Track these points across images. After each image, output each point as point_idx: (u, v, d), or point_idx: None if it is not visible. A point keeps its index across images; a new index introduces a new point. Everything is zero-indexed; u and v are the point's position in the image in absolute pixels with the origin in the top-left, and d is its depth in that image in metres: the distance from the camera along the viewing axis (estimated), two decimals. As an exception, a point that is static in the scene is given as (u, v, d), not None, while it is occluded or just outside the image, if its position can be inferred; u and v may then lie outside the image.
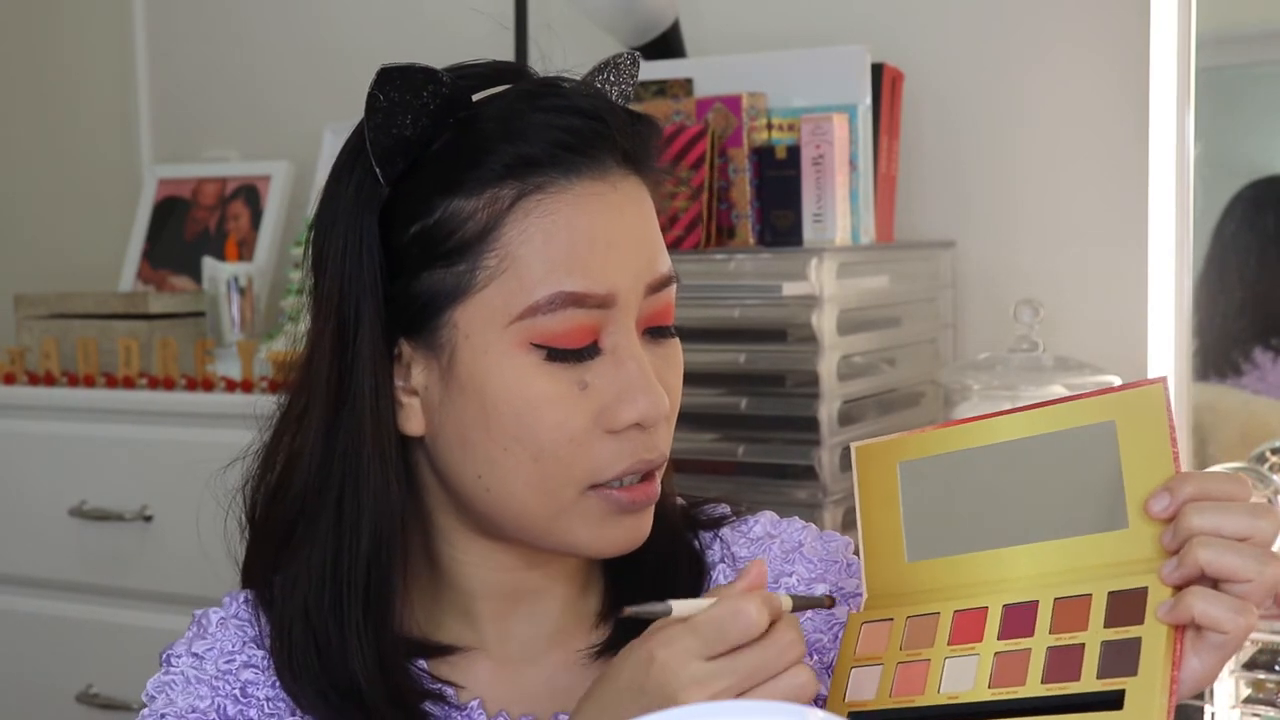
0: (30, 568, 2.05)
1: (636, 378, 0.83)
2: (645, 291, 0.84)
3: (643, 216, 0.85)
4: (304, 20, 2.40)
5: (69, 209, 2.64)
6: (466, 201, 0.82)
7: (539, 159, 0.81)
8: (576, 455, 0.83)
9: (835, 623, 0.93)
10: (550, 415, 0.82)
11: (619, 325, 0.83)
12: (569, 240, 0.81)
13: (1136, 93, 1.72)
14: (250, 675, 0.88)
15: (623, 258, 0.82)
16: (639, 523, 0.86)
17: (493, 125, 0.83)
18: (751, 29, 2.00)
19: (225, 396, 1.91)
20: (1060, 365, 1.69)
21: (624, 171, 0.84)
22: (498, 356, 0.82)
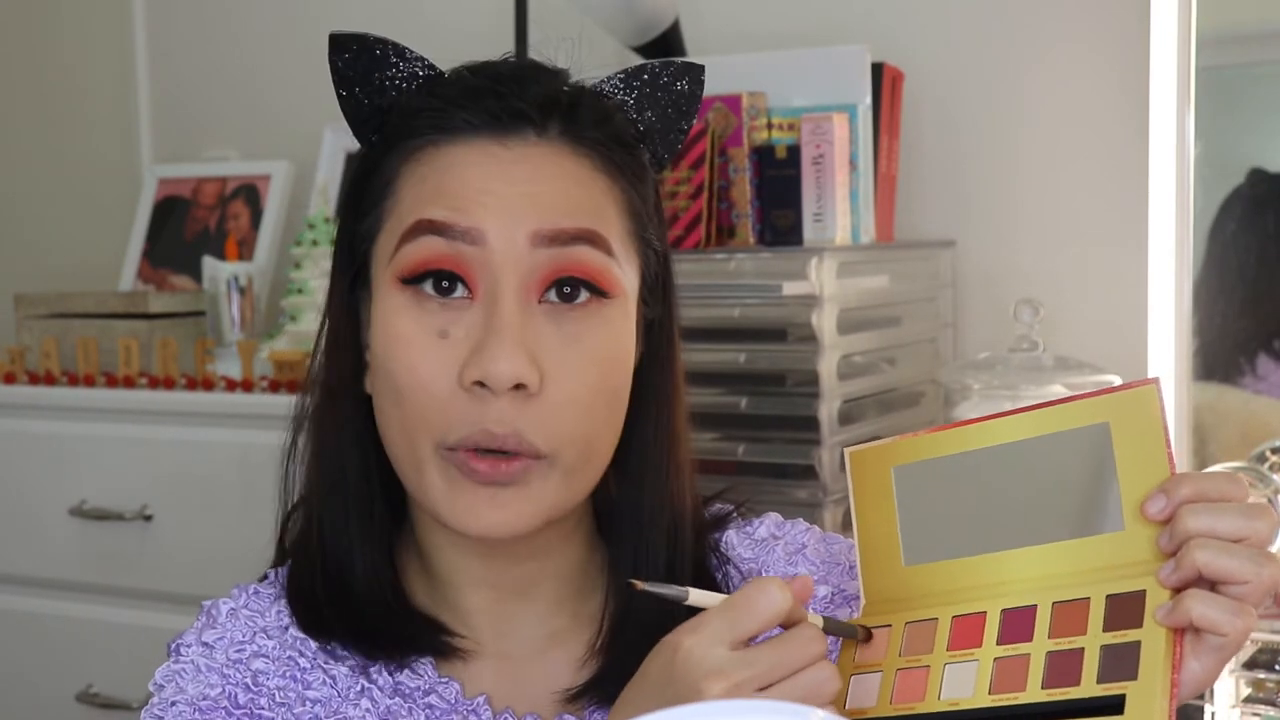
0: (30, 567, 2.05)
1: (495, 332, 0.80)
2: (531, 240, 0.81)
3: (539, 177, 0.83)
4: (304, 20, 2.39)
5: (69, 209, 2.64)
6: (387, 151, 0.86)
7: (441, 113, 0.84)
8: (429, 406, 0.81)
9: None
10: (405, 356, 0.82)
11: (496, 278, 0.81)
12: (439, 180, 0.83)
13: (1136, 92, 1.72)
14: (261, 665, 0.88)
15: (497, 202, 0.81)
16: (498, 501, 0.82)
17: (443, 89, 0.86)
18: (751, 29, 2.00)
19: (225, 396, 1.91)
20: (1060, 365, 1.69)
21: (532, 137, 0.84)
22: (382, 296, 0.84)
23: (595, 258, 0.83)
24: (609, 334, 0.84)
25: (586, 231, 0.83)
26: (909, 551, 0.83)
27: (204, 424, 1.91)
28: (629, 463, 0.90)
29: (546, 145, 0.84)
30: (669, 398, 0.91)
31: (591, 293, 0.83)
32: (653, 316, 0.91)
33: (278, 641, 0.89)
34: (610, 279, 0.84)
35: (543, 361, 0.81)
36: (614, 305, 0.84)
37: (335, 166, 2.26)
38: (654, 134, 0.91)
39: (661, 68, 0.91)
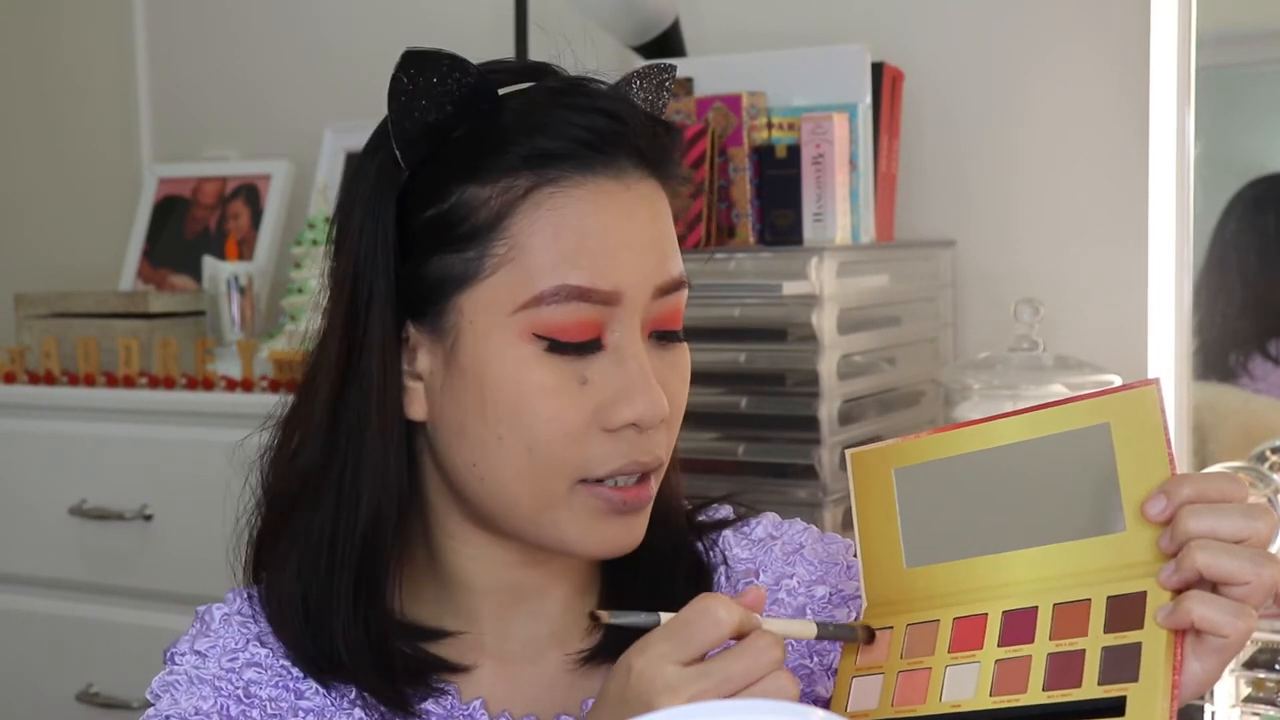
0: (30, 567, 2.05)
1: (636, 377, 0.83)
2: (653, 294, 0.84)
3: (656, 219, 0.85)
4: (304, 20, 2.40)
5: (69, 209, 2.64)
6: (481, 189, 0.82)
7: (556, 153, 0.82)
8: (569, 449, 0.82)
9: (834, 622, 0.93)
10: (546, 407, 0.82)
11: (623, 324, 0.83)
12: (578, 234, 0.81)
13: (1136, 92, 1.72)
14: (253, 674, 0.88)
15: (632, 257, 0.83)
16: (630, 525, 0.86)
17: (514, 117, 0.83)
18: (752, 28, 2.00)
19: (225, 396, 1.91)
20: (1060, 364, 1.69)
21: (641, 174, 0.84)
22: (499, 344, 0.82)
23: (682, 299, 0.87)
24: (686, 358, 0.89)
25: (682, 276, 0.87)
26: (910, 553, 0.83)
27: (204, 424, 1.91)
28: None
29: (651, 182, 0.86)
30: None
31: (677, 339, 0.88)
32: None
33: (271, 649, 0.89)
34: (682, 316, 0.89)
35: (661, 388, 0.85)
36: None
37: (335, 166, 2.26)
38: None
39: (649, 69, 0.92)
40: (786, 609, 0.93)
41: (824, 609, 0.93)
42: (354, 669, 0.86)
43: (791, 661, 0.92)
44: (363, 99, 2.32)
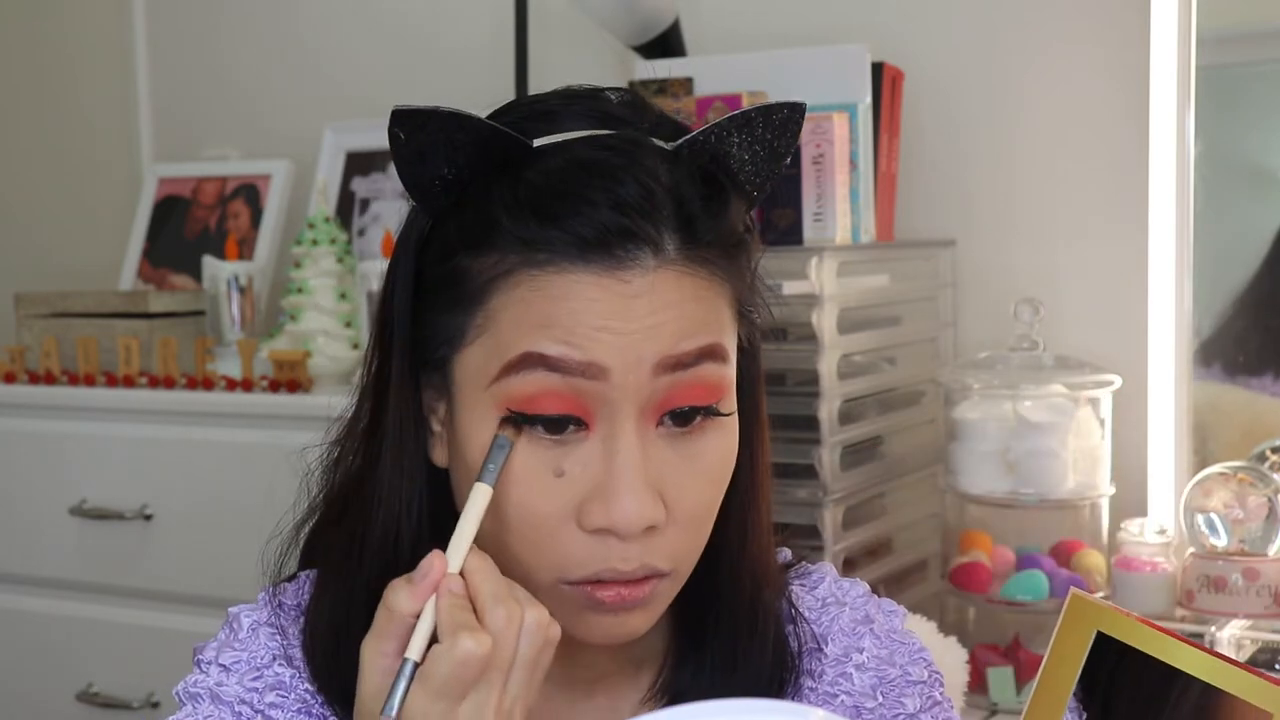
0: (30, 567, 2.04)
1: (620, 475, 0.75)
2: (654, 370, 0.76)
3: (664, 307, 0.75)
4: (304, 20, 2.39)
5: (69, 208, 2.64)
6: (475, 260, 0.78)
7: (551, 242, 0.75)
8: (544, 544, 0.77)
9: (902, 713, 0.89)
10: (516, 495, 0.77)
11: (613, 408, 0.75)
12: (549, 311, 0.75)
13: (1137, 91, 1.72)
14: (274, 698, 0.85)
15: (619, 340, 0.75)
16: (625, 620, 0.79)
17: (527, 191, 0.76)
18: (752, 28, 2.00)
19: (225, 395, 1.91)
20: (1060, 364, 1.69)
21: (653, 264, 0.76)
22: (477, 418, 0.78)
23: (712, 372, 0.78)
24: (722, 442, 0.80)
25: (707, 349, 0.77)
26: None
27: (204, 424, 1.91)
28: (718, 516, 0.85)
29: (666, 269, 0.76)
30: (756, 452, 0.86)
31: (707, 414, 0.79)
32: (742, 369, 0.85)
33: (296, 670, 0.86)
34: (724, 389, 0.79)
35: (664, 489, 0.77)
36: (727, 403, 0.80)
37: (335, 166, 2.26)
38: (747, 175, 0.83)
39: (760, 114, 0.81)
40: (856, 685, 0.89)
41: (893, 692, 0.90)
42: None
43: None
44: (363, 99, 2.32)
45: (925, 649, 0.92)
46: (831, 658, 0.89)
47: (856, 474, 1.65)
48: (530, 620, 0.74)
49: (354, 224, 2.23)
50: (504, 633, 0.73)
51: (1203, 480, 1.53)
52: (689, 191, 0.78)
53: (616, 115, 0.81)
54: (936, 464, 1.78)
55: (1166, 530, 1.56)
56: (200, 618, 1.81)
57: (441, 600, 0.74)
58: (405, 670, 0.73)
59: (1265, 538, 1.50)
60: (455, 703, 0.72)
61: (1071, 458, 1.64)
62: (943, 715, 0.91)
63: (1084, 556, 1.66)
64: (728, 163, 0.81)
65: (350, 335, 2.00)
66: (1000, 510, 1.69)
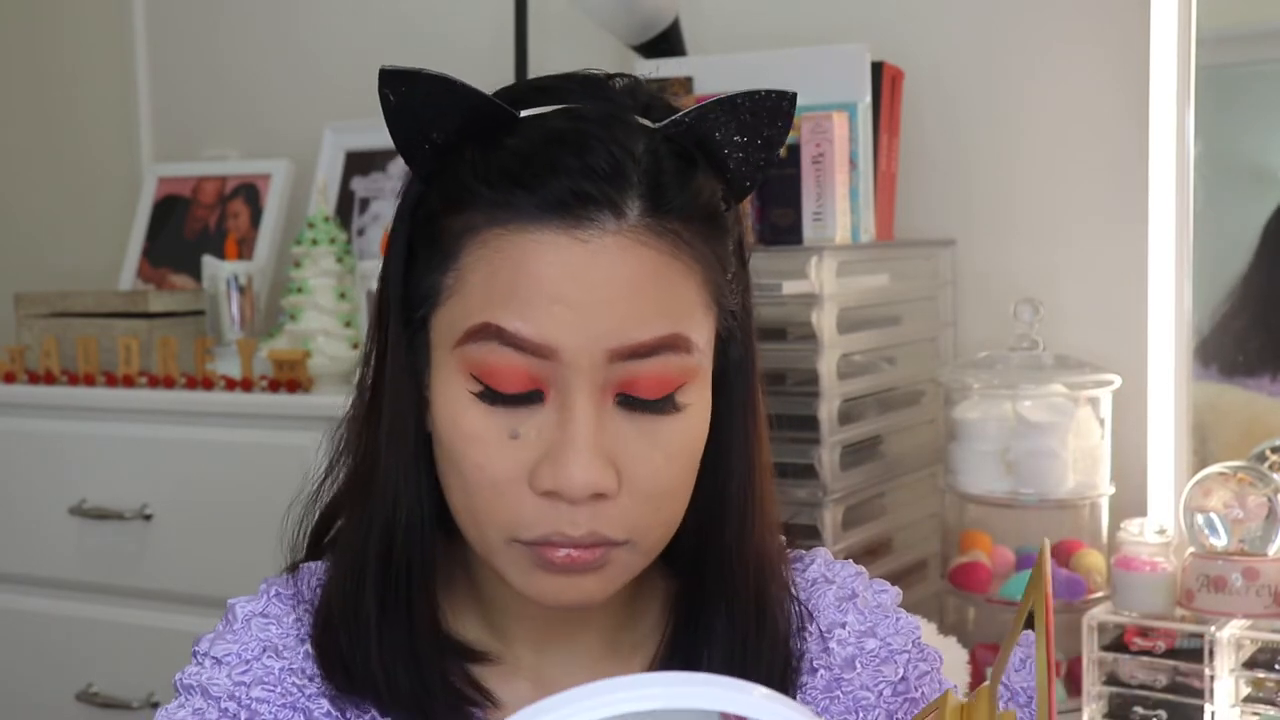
0: (30, 567, 2.05)
1: (570, 442, 0.76)
2: (608, 357, 0.76)
3: (622, 279, 0.76)
4: (304, 20, 2.39)
5: (69, 208, 2.64)
6: (452, 218, 0.79)
7: (519, 201, 0.76)
8: (497, 503, 0.78)
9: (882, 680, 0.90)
10: (473, 454, 0.78)
11: (568, 382, 0.77)
12: (510, 280, 0.76)
13: (1137, 91, 1.72)
14: (260, 693, 0.85)
15: (573, 317, 0.75)
16: (577, 582, 0.80)
17: (503, 156, 0.78)
18: (751, 27, 2.00)
19: (225, 395, 1.91)
20: (1060, 364, 1.69)
21: (613, 227, 0.76)
22: (445, 375, 0.79)
23: (672, 364, 0.78)
24: (686, 424, 0.80)
25: (666, 340, 0.77)
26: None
27: (204, 424, 1.91)
28: (710, 509, 0.85)
29: (626, 233, 0.77)
30: (751, 446, 0.86)
31: (660, 410, 0.79)
32: (731, 361, 0.86)
33: (285, 661, 0.86)
34: (684, 380, 0.79)
35: (619, 460, 0.78)
36: (690, 392, 0.80)
37: (335, 166, 2.26)
38: (737, 163, 0.84)
39: (746, 99, 0.83)
40: (836, 659, 0.89)
41: (872, 663, 0.90)
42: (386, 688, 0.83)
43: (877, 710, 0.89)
44: (363, 99, 2.30)
45: (916, 626, 0.92)
46: (815, 634, 0.90)
47: (856, 474, 1.65)
48: None
49: (354, 224, 2.23)
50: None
51: (1202, 480, 1.53)
52: (661, 164, 0.79)
53: (609, 97, 0.82)
54: (936, 464, 1.78)
55: (1166, 530, 1.56)
56: (200, 617, 1.81)
57: None
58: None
59: (1265, 537, 1.50)
60: None
61: (1071, 458, 1.64)
62: (930, 683, 0.91)
63: (1084, 556, 1.66)
64: (712, 149, 0.82)
65: (350, 335, 2.00)
66: (1000, 510, 1.69)
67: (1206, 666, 1.45)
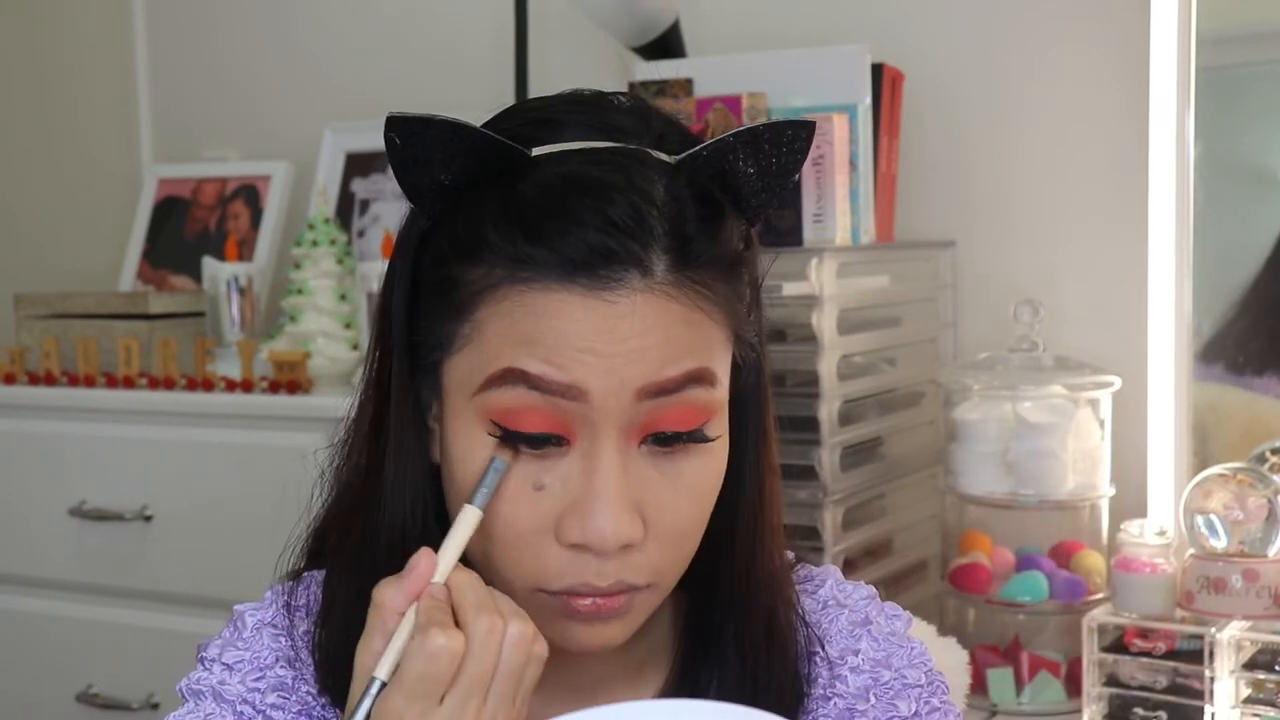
0: (30, 568, 2.05)
1: (598, 494, 0.75)
2: (636, 395, 0.75)
3: (649, 330, 0.75)
4: (304, 21, 2.39)
5: (69, 209, 2.64)
6: (466, 269, 0.77)
7: (538, 260, 0.75)
8: (523, 555, 0.78)
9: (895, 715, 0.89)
10: (495, 507, 0.77)
11: (594, 427, 0.75)
12: (533, 328, 0.75)
13: (1137, 92, 1.72)
14: (275, 699, 0.85)
15: (602, 364, 0.74)
16: (601, 630, 0.80)
17: (518, 206, 0.76)
18: (752, 29, 2.00)
19: (225, 396, 1.91)
20: (1060, 365, 1.68)
21: (640, 286, 0.75)
22: (462, 424, 0.78)
23: (698, 397, 0.77)
24: (708, 461, 0.80)
25: (693, 374, 0.77)
26: None
27: (204, 424, 1.91)
28: (722, 532, 0.85)
29: (654, 290, 0.75)
30: (763, 471, 0.86)
31: (692, 439, 0.78)
32: (745, 386, 0.85)
33: (298, 672, 0.86)
34: (710, 413, 0.79)
35: (645, 507, 0.77)
36: (716, 425, 0.80)
37: (335, 167, 2.26)
38: (753, 192, 0.82)
39: (768, 130, 0.80)
40: (850, 687, 0.89)
41: (886, 695, 0.89)
42: None
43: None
44: (362, 99, 2.32)
45: (927, 654, 0.91)
46: (825, 661, 0.89)
47: (856, 475, 1.65)
48: (514, 632, 0.74)
49: (354, 225, 2.23)
50: (486, 641, 0.73)
51: (1202, 481, 1.53)
52: (684, 211, 0.77)
53: (619, 126, 0.80)
54: (936, 465, 1.78)
55: (1166, 531, 1.56)
56: (200, 618, 1.81)
57: (423, 601, 0.74)
58: (372, 689, 0.73)
59: (1265, 539, 1.50)
60: (431, 703, 0.72)
61: (1071, 459, 1.64)
62: (940, 719, 0.90)
63: (1084, 558, 1.66)
64: (731, 179, 0.81)
65: (350, 336, 2.00)
66: (1000, 511, 1.69)
67: (1206, 668, 1.45)
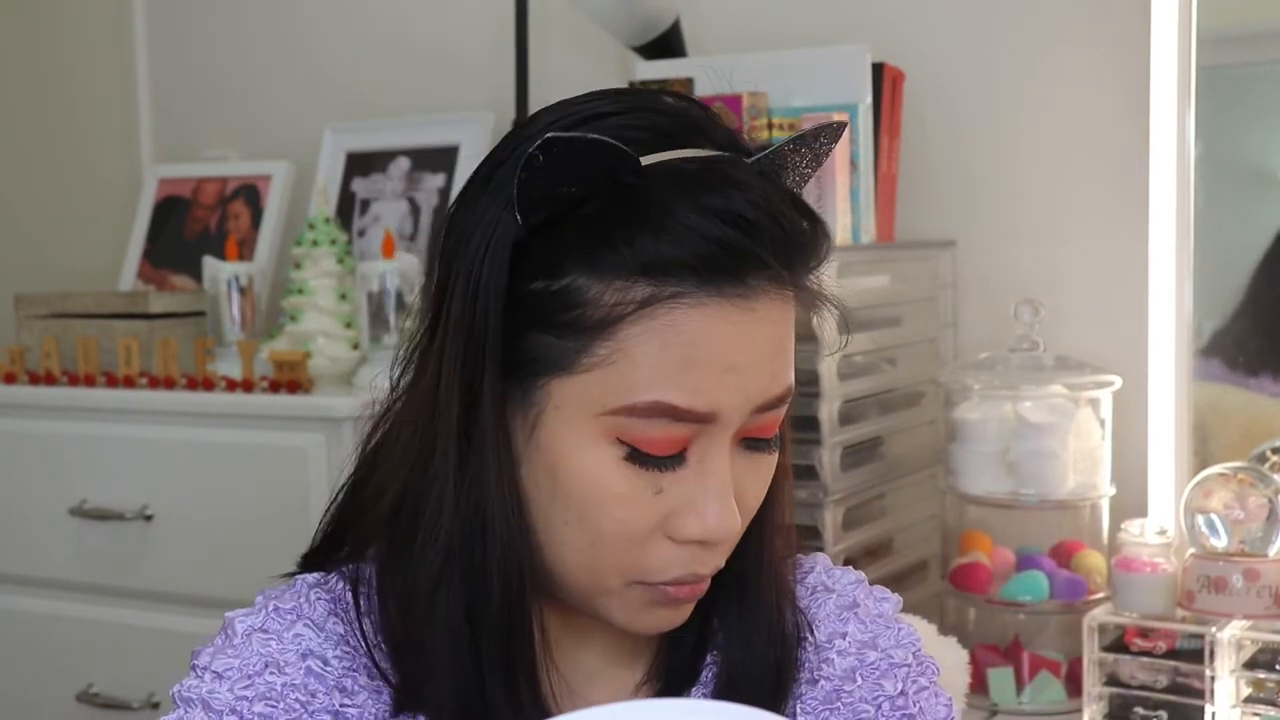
0: (30, 568, 2.04)
1: (714, 493, 0.79)
2: (753, 410, 0.80)
3: (776, 338, 0.80)
4: (304, 21, 2.39)
5: (69, 209, 2.64)
6: (594, 283, 0.76)
7: (678, 263, 0.75)
8: (632, 552, 0.80)
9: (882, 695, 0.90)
10: (618, 511, 0.79)
11: (713, 439, 0.79)
12: (687, 354, 0.76)
13: (1137, 92, 1.72)
14: (263, 708, 0.84)
15: (739, 381, 0.78)
16: (678, 612, 0.84)
17: (644, 212, 0.76)
18: (752, 29, 2.00)
19: (225, 396, 1.91)
20: (1060, 364, 1.69)
21: (771, 289, 0.78)
22: (581, 439, 0.79)
23: (783, 410, 0.83)
24: (772, 461, 0.85)
25: (789, 390, 0.82)
26: None
27: (204, 424, 1.91)
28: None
29: (776, 293, 0.79)
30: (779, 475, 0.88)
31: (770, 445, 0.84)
32: None
33: (287, 678, 0.85)
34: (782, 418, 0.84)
35: (739, 499, 0.81)
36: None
37: (335, 166, 2.26)
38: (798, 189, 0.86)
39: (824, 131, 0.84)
40: (836, 669, 0.90)
41: (872, 675, 0.90)
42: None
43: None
44: (363, 99, 2.32)
45: (916, 635, 0.93)
46: (812, 644, 0.90)
47: (857, 474, 1.65)
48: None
49: (354, 225, 2.23)
50: None
51: (1203, 481, 1.53)
52: (787, 212, 0.80)
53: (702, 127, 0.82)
54: (936, 465, 1.78)
55: (1167, 531, 1.56)
56: (200, 618, 1.81)
57: None
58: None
59: (1265, 538, 1.50)
60: None
61: (1072, 458, 1.64)
62: (928, 698, 0.91)
63: (1084, 557, 1.66)
64: (793, 180, 0.84)
65: (350, 336, 2.00)
66: (1000, 511, 1.69)
67: (1207, 667, 1.45)
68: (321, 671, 0.86)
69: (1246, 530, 1.50)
